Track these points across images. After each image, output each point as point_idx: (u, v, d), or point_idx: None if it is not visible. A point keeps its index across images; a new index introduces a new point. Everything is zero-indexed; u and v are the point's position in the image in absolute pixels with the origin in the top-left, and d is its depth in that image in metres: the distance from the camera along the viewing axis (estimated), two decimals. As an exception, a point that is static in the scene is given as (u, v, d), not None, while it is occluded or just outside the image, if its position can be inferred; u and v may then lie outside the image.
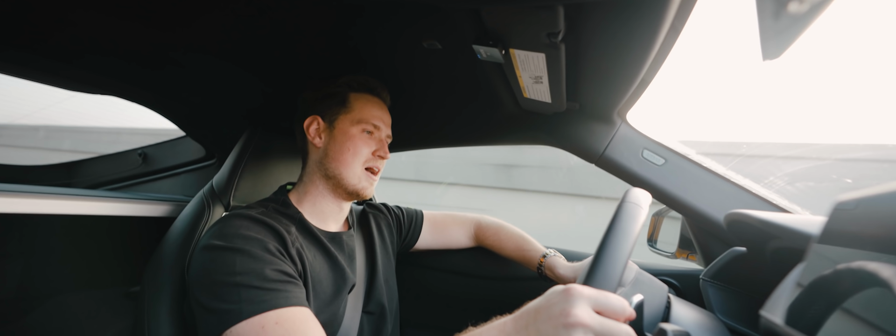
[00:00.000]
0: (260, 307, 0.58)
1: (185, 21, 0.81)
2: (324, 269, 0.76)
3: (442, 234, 1.08)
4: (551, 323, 0.41)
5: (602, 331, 0.40)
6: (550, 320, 0.42)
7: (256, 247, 0.65)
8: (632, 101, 0.91)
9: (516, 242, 1.01)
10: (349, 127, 0.83)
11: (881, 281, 0.32)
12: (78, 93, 1.15)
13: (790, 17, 0.36)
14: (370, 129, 0.84)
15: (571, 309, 0.41)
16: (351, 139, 0.82)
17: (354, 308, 0.81)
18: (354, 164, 0.81)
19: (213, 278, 0.62)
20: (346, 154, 0.81)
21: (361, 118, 0.83)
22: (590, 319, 0.40)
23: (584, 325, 0.40)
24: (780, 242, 0.64)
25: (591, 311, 0.41)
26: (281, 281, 0.63)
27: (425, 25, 0.73)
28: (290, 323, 0.58)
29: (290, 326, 0.58)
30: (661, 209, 1.06)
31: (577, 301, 0.42)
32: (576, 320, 0.40)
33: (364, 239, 0.94)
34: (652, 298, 0.59)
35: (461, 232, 1.08)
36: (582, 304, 0.41)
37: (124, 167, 1.50)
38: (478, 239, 1.09)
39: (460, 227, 1.09)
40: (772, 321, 0.42)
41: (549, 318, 0.42)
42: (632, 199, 0.53)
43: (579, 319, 0.40)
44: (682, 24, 0.60)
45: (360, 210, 1.03)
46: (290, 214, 0.79)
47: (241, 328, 0.56)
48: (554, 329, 0.41)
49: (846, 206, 0.42)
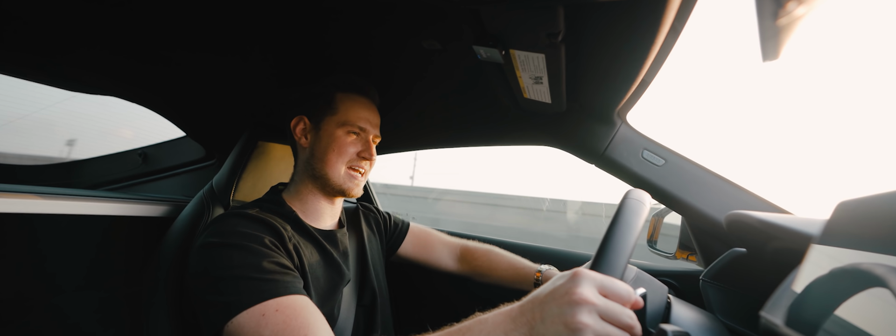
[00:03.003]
0: (260, 297, 0.59)
1: (186, 21, 0.81)
2: (320, 266, 0.77)
3: (424, 249, 1.07)
4: (557, 303, 0.42)
5: (606, 310, 0.40)
6: (556, 300, 0.42)
7: (253, 242, 0.66)
8: (632, 102, 0.90)
9: (509, 262, 1.02)
10: (334, 129, 0.83)
11: (881, 281, 0.32)
12: (78, 93, 1.15)
13: (790, 17, 0.36)
14: (356, 130, 0.84)
15: (577, 288, 0.41)
16: (335, 141, 0.82)
17: (350, 301, 0.83)
18: (338, 164, 0.82)
19: (212, 274, 0.63)
20: (331, 155, 0.81)
21: (346, 120, 0.83)
22: (595, 299, 0.41)
23: (589, 302, 0.40)
24: (780, 243, 0.64)
25: (597, 292, 0.42)
26: (279, 272, 0.64)
27: (425, 25, 0.73)
28: (291, 310, 0.59)
29: (291, 313, 0.59)
30: (661, 210, 1.06)
31: (584, 281, 0.42)
32: (581, 298, 0.40)
33: (356, 234, 0.96)
34: (652, 299, 0.59)
35: (445, 252, 1.07)
36: (588, 285, 0.42)
37: (124, 167, 1.50)
38: (465, 260, 1.07)
39: (445, 247, 1.08)
40: (772, 322, 0.42)
41: (555, 299, 0.42)
42: (633, 196, 0.53)
43: (585, 297, 0.40)
44: (682, 25, 0.60)
45: (353, 208, 1.04)
46: (285, 213, 0.80)
47: (242, 317, 0.58)
48: (559, 308, 0.41)
49: (847, 206, 0.42)
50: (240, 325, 0.58)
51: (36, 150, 4.00)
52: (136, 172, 1.47)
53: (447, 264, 1.07)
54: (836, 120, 6.83)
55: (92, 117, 4.21)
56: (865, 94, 6.76)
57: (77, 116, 4.31)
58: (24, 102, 3.77)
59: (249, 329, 0.57)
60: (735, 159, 5.87)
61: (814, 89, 10.02)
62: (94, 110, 4.09)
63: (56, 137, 4.36)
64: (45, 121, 4.07)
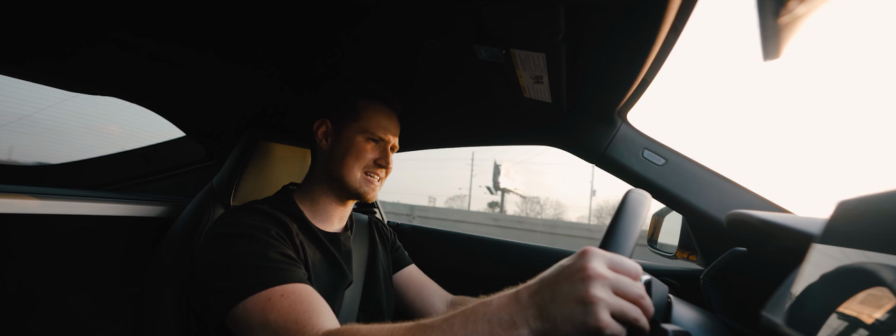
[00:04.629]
0: (265, 283, 0.61)
1: (186, 21, 0.81)
2: (322, 267, 0.79)
3: (418, 286, 1.02)
4: (568, 281, 0.41)
5: (618, 284, 0.40)
6: (568, 278, 0.41)
7: (261, 232, 0.68)
8: (632, 101, 0.90)
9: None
10: (355, 135, 0.85)
11: (882, 280, 0.32)
12: (78, 93, 1.15)
13: (791, 16, 0.36)
14: (375, 138, 0.86)
15: (589, 264, 0.40)
16: (355, 146, 0.84)
17: (351, 305, 0.84)
18: (355, 169, 0.84)
19: (220, 262, 0.65)
20: (349, 159, 0.84)
21: (367, 127, 0.85)
22: (607, 273, 0.40)
23: (602, 277, 0.40)
24: (780, 242, 0.64)
25: (607, 267, 0.41)
26: (284, 261, 0.66)
27: (425, 25, 0.73)
28: (296, 295, 0.61)
29: (296, 298, 0.60)
30: (662, 209, 1.06)
31: (594, 257, 0.41)
32: (594, 273, 0.40)
33: (367, 241, 0.97)
34: (652, 299, 0.59)
35: (438, 297, 1.02)
36: (599, 260, 0.41)
37: (125, 168, 1.50)
38: (455, 305, 1.01)
39: (438, 292, 1.03)
40: (773, 321, 0.42)
41: (567, 277, 0.41)
42: (635, 193, 0.53)
43: (597, 272, 0.40)
44: (683, 25, 0.60)
45: (366, 219, 1.04)
46: (293, 212, 0.81)
47: (249, 302, 0.59)
48: (571, 285, 0.40)
49: (847, 205, 0.42)
50: (246, 309, 0.59)
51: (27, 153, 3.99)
52: (137, 173, 1.47)
53: (435, 306, 1.01)
54: (837, 119, 6.72)
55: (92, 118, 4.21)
56: (865, 94, 6.64)
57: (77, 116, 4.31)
58: (25, 103, 3.77)
59: (256, 313, 0.59)
60: (735, 158, 5.75)
61: (814, 89, 9.86)
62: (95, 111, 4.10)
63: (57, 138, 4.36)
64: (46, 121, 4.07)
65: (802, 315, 0.39)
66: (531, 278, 0.46)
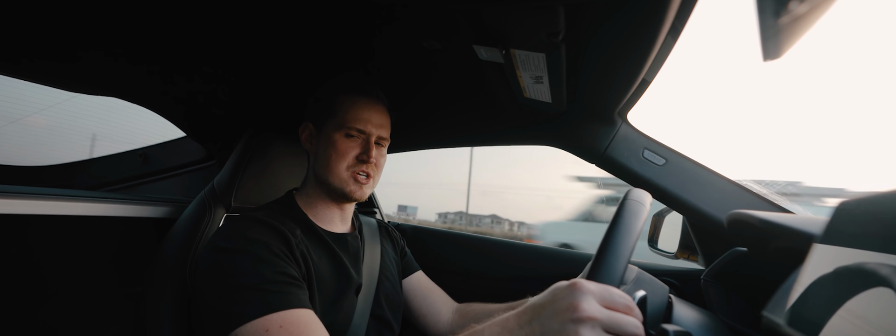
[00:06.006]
0: (263, 309, 0.59)
1: (186, 21, 0.81)
2: (328, 270, 0.77)
3: (425, 293, 1.01)
4: (558, 318, 0.41)
5: (611, 323, 0.40)
6: (557, 315, 0.41)
7: (260, 249, 0.66)
8: (632, 102, 0.90)
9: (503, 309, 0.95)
10: (333, 133, 0.81)
11: (883, 281, 0.31)
12: (78, 93, 1.15)
13: (791, 16, 0.36)
14: (353, 133, 0.80)
15: (579, 303, 0.40)
16: (333, 145, 0.80)
17: (364, 310, 0.82)
18: (339, 169, 0.80)
19: (218, 280, 0.63)
20: (331, 159, 0.80)
21: (344, 122, 0.80)
22: (599, 313, 0.40)
23: (593, 318, 0.39)
24: (781, 242, 0.64)
25: (599, 305, 0.41)
26: (284, 283, 0.64)
27: (425, 25, 0.72)
28: (294, 326, 0.59)
29: (294, 330, 0.58)
30: (662, 209, 1.06)
31: (585, 295, 0.41)
32: (585, 314, 0.39)
33: (376, 245, 0.95)
34: (653, 299, 0.59)
35: (444, 304, 1.01)
36: (589, 299, 0.41)
37: (125, 168, 1.50)
38: (462, 312, 0.99)
39: (445, 300, 1.02)
40: (774, 321, 0.42)
41: (556, 313, 0.41)
42: (634, 196, 0.53)
43: (589, 313, 0.39)
44: (683, 25, 0.60)
45: (375, 222, 1.03)
46: (296, 216, 0.79)
47: (245, 330, 0.58)
48: (561, 324, 0.40)
49: (848, 206, 0.42)
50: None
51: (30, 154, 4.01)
52: (137, 173, 1.47)
53: (441, 314, 0.99)
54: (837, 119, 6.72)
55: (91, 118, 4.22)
56: (866, 94, 6.63)
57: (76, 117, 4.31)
58: (24, 103, 3.77)
59: None
60: (735, 158, 5.72)
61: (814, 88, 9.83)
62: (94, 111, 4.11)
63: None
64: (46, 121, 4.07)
65: (804, 315, 0.39)
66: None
